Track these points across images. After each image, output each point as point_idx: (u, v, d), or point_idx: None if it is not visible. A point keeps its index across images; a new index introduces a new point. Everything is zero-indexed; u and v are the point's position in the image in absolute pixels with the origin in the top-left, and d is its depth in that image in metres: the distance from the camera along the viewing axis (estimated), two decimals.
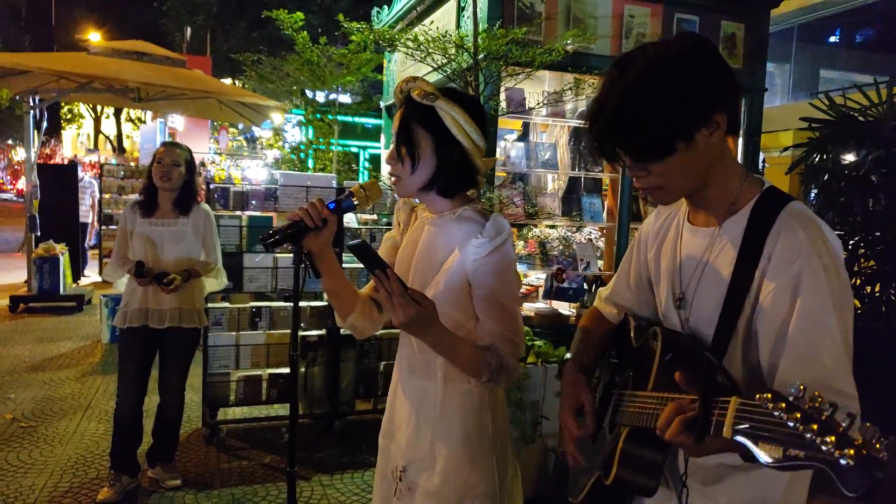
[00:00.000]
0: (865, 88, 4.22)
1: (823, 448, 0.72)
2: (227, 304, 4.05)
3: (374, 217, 4.69)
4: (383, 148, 6.01)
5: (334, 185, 3.99)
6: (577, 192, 4.44)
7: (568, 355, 1.47)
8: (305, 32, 6.18)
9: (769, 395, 0.78)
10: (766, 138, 6.56)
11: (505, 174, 4.52)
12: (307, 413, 4.16)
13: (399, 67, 5.58)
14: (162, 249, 3.23)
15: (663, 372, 1.16)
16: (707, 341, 1.20)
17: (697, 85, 1.10)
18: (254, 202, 3.80)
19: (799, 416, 0.74)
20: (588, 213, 4.33)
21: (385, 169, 5.48)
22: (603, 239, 5.14)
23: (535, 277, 4.68)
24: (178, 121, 11.44)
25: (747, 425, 0.80)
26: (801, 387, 0.76)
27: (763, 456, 0.77)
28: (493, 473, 1.52)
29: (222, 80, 12.65)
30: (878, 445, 0.71)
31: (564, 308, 4.36)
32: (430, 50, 3.43)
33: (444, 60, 3.67)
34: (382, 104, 6.22)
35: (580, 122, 4.43)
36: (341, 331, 4.13)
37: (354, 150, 9.87)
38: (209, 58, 13.41)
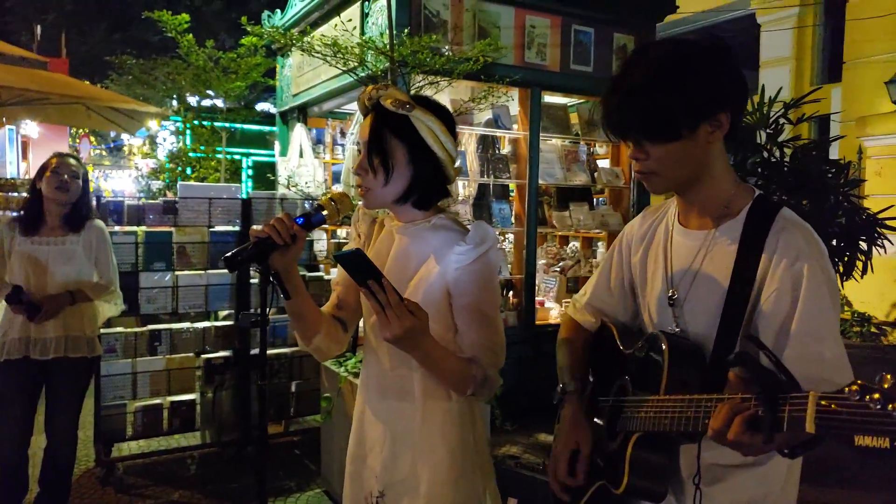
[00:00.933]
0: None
1: None
2: (121, 329, 3.68)
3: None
4: (278, 155, 5.75)
5: (240, 197, 3.75)
6: (487, 198, 4.49)
7: (569, 387, 1.42)
8: (191, 35, 5.79)
9: (856, 387, 0.79)
10: None
11: None
12: (215, 441, 3.87)
13: (295, 73, 5.38)
14: (48, 271, 2.88)
15: (676, 375, 1.16)
16: (702, 341, 1.23)
17: (709, 79, 1.15)
18: (151, 216, 3.49)
19: None
20: (498, 219, 4.39)
21: (284, 175, 5.23)
22: (505, 243, 5.23)
23: None
24: (31, 128, 10.28)
25: (834, 419, 0.81)
26: (888, 376, 0.78)
27: (862, 447, 0.77)
28: (479, 489, 1.47)
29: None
30: None
31: None
32: (346, 56, 3.32)
33: (354, 64, 3.57)
34: (276, 109, 5.97)
35: (486, 129, 4.49)
36: (250, 351, 3.89)
37: (237, 157, 9.40)
38: (66, 60, 12.20)
